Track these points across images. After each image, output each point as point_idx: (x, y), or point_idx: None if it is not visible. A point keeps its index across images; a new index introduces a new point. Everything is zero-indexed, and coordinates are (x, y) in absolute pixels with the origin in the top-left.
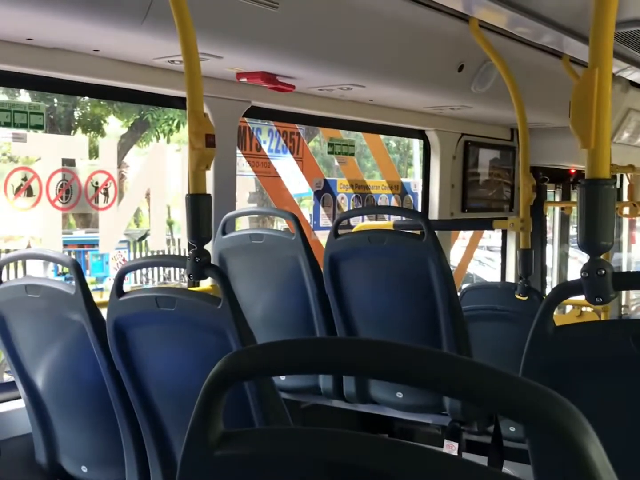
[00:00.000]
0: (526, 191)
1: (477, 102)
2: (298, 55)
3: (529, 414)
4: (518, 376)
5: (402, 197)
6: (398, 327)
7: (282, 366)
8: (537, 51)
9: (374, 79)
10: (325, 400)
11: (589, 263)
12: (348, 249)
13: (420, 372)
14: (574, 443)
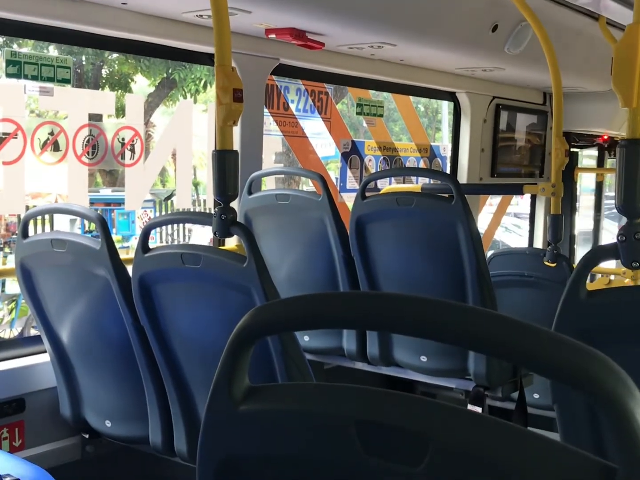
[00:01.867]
0: (559, 155)
1: (510, 64)
2: (328, 11)
3: (575, 374)
4: (564, 336)
5: (431, 161)
6: (424, 291)
7: (306, 320)
8: (574, 12)
9: (406, 37)
10: (348, 362)
11: (626, 226)
12: (375, 211)
13: (458, 328)
14: (621, 407)
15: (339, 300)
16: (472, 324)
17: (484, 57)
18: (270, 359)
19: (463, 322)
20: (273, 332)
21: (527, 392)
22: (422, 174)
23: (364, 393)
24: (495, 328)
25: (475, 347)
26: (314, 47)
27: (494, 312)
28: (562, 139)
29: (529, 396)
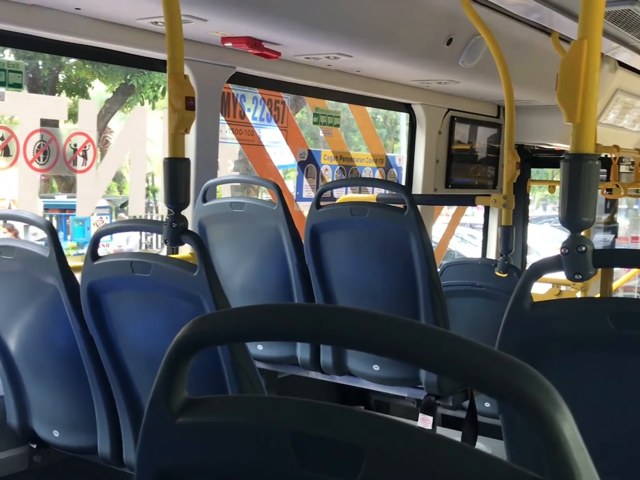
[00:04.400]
0: (510, 168)
1: (465, 77)
2: (285, 22)
3: (503, 388)
4: (493, 349)
5: (387, 171)
6: (377, 300)
7: (245, 332)
8: (527, 27)
9: (361, 49)
10: (302, 371)
11: (569, 239)
12: (330, 220)
13: (388, 341)
14: (548, 420)
15: (277, 313)
16: (401, 336)
17: (438, 69)
18: (220, 369)
19: (391, 333)
20: (212, 344)
21: (477, 401)
22: (375, 184)
23: (301, 405)
24: (425, 340)
25: (410, 360)
26: (270, 57)
27: (427, 326)
28: (513, 152)
29: (479, 405)
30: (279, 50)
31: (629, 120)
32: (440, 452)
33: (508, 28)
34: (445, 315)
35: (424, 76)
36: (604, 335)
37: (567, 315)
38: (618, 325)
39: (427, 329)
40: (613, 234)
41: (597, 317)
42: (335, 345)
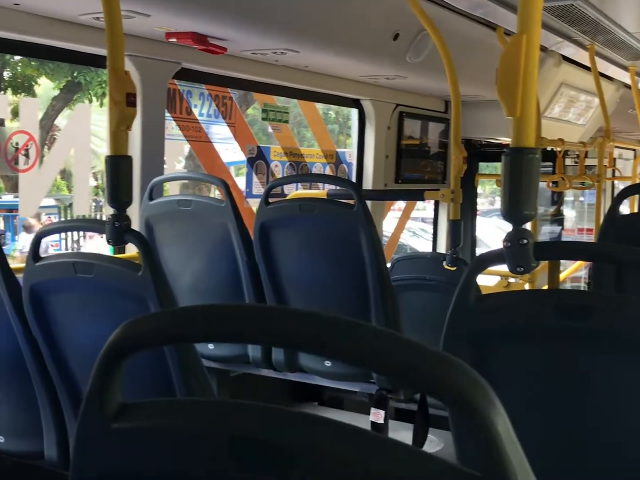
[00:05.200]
0: (457, 163)
1: (412, 73)
2: (230, 17)
3: (435, 384)
4: (424, 345)
5: (337, 167)
6: (327, 297)
7: (179, 334)
8: (473, 22)
9: (308, 44)
10: (254, 369)
11: (511, 232)
12: (279, 217)
13: (316, 339)
14: (481, 416)
15: (211, 314)
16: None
17: (386, 65)
18: (167, 371)
19: (319, 331)
20: (144, 348)
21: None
22: (324, 180)
23: (239, 408)
24: (356, 338)
25: (342, 358)
26: (216, 52)
27: (359, 323)
28: (460, 147)
29: (431, 397)
30: (225, 46)
31: (573, 114)
32: (377, 452)
33: (454, 23)
34: (395, 310)
35: (372, 72)
36: (548, 327)
37: (511, 308)
38: (561, 318)
39: (358, 325)
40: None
41: (540, 310)
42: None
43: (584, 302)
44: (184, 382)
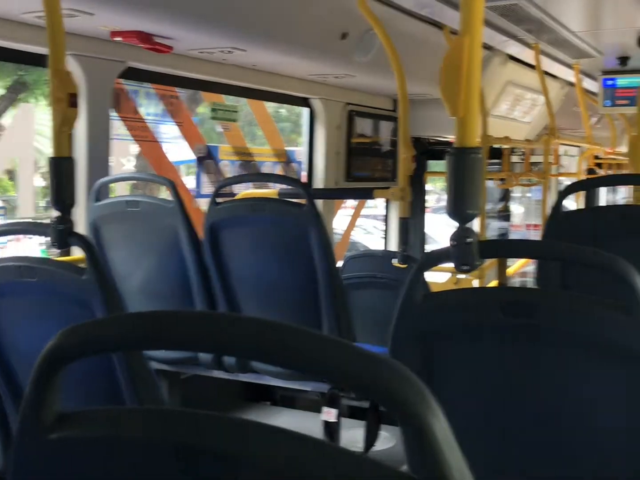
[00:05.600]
0: (405, 161)
1: (361, 72)
2: (175, 15)
3: (371, 387)
4: (361, 348)
5: (287, 166)
6: (278, 297)
7: (119, 342)
8: (420, 22)
9: (255, 43)
10: (205, 370)
11: (457, 231)
12: (229, 218)
13: (258, 348)
14: (418, 419)
15: (150, 321)
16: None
17: (334, 64)
18: (116, 378)
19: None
20: (84, 355)
21: None
22: (272, 179)
23: (181, 416)
24: (296, 342)
25: (276, 362)
26: (162, 51)
27: (293, 327)
28: (408, 145)
29: None
30: (171, 45)
31: (520, 112)
32: (318, 458)
33: (401, 22)
34: (346, 308)
35: (321, 70)
36: (494, 324)
37: (458, 306)
38: (506, 315)
39: (298, 332)
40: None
41: (487, 307)
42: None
43: (529, 299)
44: (132, 390)
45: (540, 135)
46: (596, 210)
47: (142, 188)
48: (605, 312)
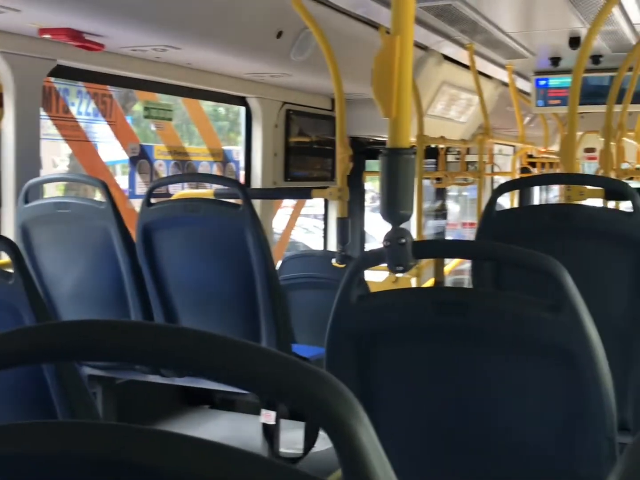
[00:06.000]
0: (343, 161)
1: (297, 70)
2: (106, 12)
3: (292, 394)
4: (286, 356)
5: (225, 165)
6: (215, 299)
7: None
8: (355, 21)
9: (190, 40)
10: (141, 375)
11: (390, 232)
12: (163, 218)
13: (183, 358)
14: (343, 427)
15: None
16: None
17: (270, 63)
18: (45, 386)
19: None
20: (5, 367)
21: None
22: (207, 179)
23: (100, 429)
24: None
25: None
26: (93, 49)
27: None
28: (345, 145)
29: None
30: (102, 42)
31: (455, 112)
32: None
33: (336, 22)
34: (285, 310)
35: (257, 69)
36: (429, 325)
37: (393, 306)
38: (440, 315)
39: (225, 341)
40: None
41: (420, 307)
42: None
43: (462, 299)
44: (64, 400)
45: (475, 134)
46: (528, 210)
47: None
48: (535, 311)
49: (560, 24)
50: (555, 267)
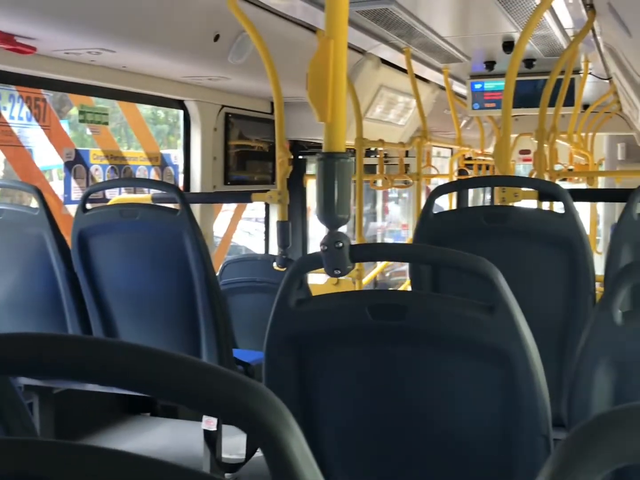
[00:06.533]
0: (282, 164)
1: (235, 74)
2: (38, 15)
3: (224, 406)
4: (212, 365)
5: (163, 169)
6: (154, 306)
7: None
8: (294, 25)
9: (125, 44)
10: (78, 384)
11: (327, 236)
12: (99, 224)
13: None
14: (273, 438)
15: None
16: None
17: (208, 66)
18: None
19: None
20: None
21: None
22: (143, 184)
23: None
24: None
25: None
26: (25, 52)
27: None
28: (284, 148)
29: None
30: (35, 45)
31: (394, 115)
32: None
33: (275, 25)
34: (225, 315)
35: (194, 72)
36: (367, 328)
37: (330, 310)
38: (377, 318)
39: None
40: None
41: (359, 311)
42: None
43: (399, 301)
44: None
45: (413, 137)
46: (464, 211)
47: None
48: (471, 312)
49: (494, 29)
50: (488, 268)
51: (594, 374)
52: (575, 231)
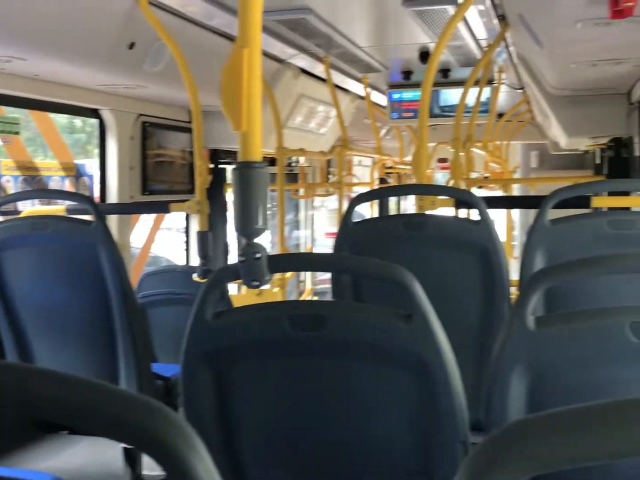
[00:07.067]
0: (201, 173)
1: (152, 82)
2: None
3: (124, 429)
4: (111, 386)
5: (78, 180)
6: (69, 321)
7: None
8: (211, 33)
9: (36, 52)
10: None
11: (245, 247)
12: (9, 237)
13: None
14: (178, 460)
15: None
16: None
17: (123, 74)
18: None
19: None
20: None
21: None
22: (53, 195)
23: None
24: (26, 385)
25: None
26: None
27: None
28: (202, 157)
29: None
30: None
31: (315, 124)
32: None
33: (191, 33)
34: (143, 328)
35: (109, 81)
36: (285, 339)
37: (249, 323)
38: (296, 329)
39: (31, 371)
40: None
41: (277, 322)
42: None
43: (318, 311)
44: None
45: (334, 146)
46: (383, 219)
47: None
48: (389, 321)
49: (411, 39)
50: (404, 276)
51: (510, 379)
52: (489, 238)
